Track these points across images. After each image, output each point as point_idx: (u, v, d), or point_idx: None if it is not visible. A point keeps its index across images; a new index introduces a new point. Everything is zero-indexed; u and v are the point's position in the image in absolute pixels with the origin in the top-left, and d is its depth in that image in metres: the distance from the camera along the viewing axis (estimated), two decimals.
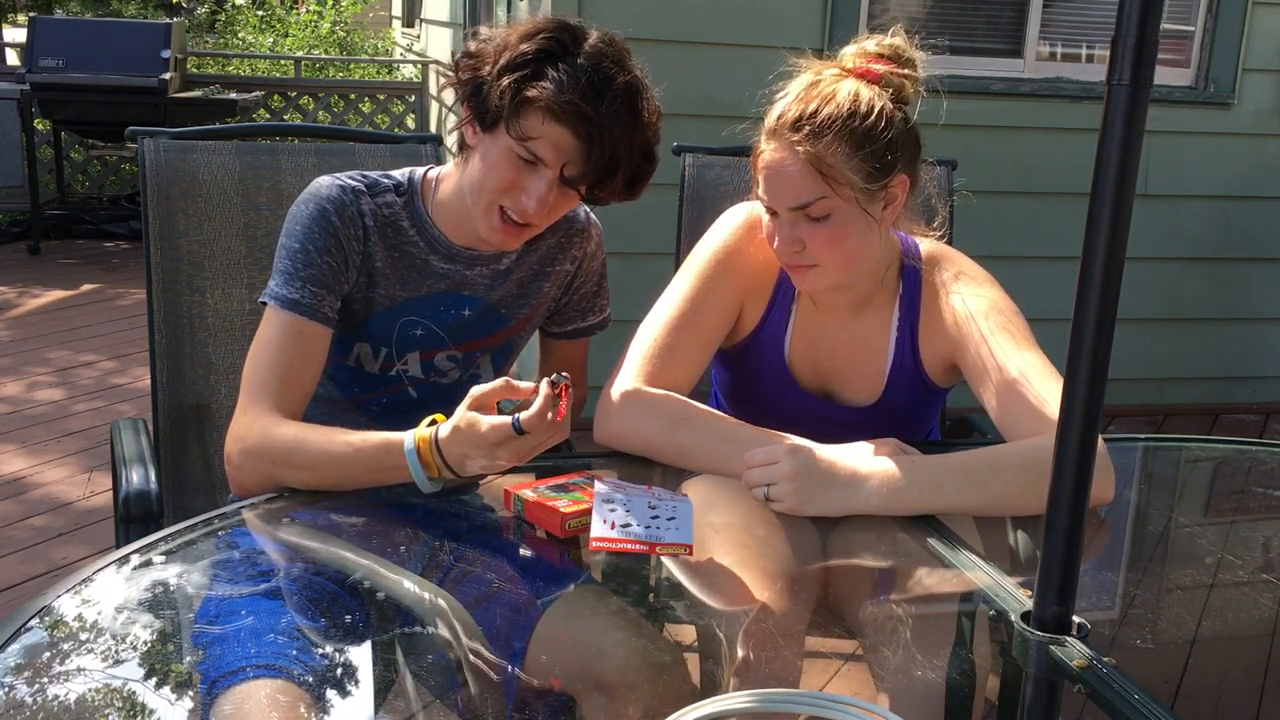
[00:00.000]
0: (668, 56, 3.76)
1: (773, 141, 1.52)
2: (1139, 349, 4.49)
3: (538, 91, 1.41)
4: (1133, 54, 0.97)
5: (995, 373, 1.55)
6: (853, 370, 1.70)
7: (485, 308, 1.67)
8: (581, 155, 1.45)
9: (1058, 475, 1.06)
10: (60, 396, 4.36)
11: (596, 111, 1.42)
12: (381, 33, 11.64)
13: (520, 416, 1.31)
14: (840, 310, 1.69)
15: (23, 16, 13.94)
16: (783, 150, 1.50)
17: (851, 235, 1.53)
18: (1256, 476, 1.88)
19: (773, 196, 1.53)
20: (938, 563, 1.36)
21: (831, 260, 1.54)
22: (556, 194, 1.49)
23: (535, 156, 1.45)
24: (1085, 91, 4.25)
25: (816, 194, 1.49)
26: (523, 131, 1.44)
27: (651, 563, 1.34)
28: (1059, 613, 1.10)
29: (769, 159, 1.52)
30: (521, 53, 1.44)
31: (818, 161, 1.47)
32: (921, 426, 1.81)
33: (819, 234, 1.52)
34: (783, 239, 1.54)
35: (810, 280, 1.59)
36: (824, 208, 1.50)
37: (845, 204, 1.51)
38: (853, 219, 1.52)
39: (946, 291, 1.65)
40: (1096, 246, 1.01)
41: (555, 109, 1.41)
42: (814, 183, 1.49)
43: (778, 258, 1.59)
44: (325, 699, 1.08)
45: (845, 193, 1.50)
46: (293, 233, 1.54)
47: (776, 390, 1.72)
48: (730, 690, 1.10)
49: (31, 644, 1.07)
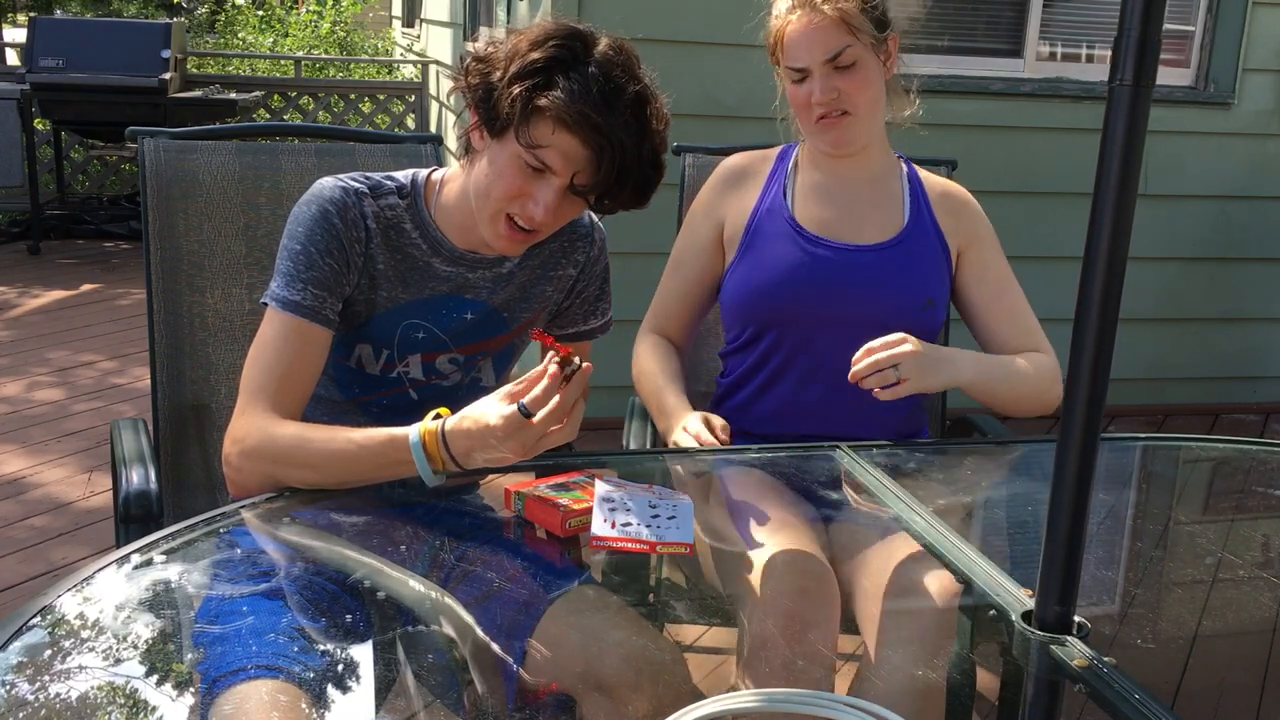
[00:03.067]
0: (668, 56, 3.74)
1: (798, 11, 1.78)
2: (1139, 349, 4.49)
3: (548, 100, 1.41)
4: (1135, 54, 0.97)
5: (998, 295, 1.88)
6: (870, 218, 1.88)
7: (487, 311, 1.67)
8: (591, 165, 1.44)
9: (1059, 475, 1.06)
10: (60, 396, 4.36)
11: (607, 122, 1.41)
12: (381, 33, 11.64)
13: (525, 401, 1.30)
14: (853, 179, 1.90)
15: (23, 16, 13.94)
16: (811, 13, 1.77)
17: (873, 80, 1.80)
18: (1256, 476, 1.88)
19: (808, 54, 1.77)
20: (938, 563, 1.36)
21: (862, 104, 1.80)
22: (564, 202, 1.48)
23: (544, 165, 1.45)
24: (1085, 91, 4.25)
25: (845, 43, 1.77)
26: (532, 140, 1.43)
27: (651, 562, 1.34)
28: (1060, 612, 1.10)
29: (798, 24, 1.78)
30: (532, 60, 1.43)
31: (843, 14, 1.76)
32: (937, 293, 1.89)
33: (850, 80, 1.78)
34: (822, 89, 1.78)
35: (844, 129, 1.81)
36: (852, 55, 1.77)
37: (865, 51, 1.78)
38: (872, 66, 1.80)
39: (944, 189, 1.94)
40: (1099, 247, 1.01)
41: (566, 118, 1.41)
42: (843, 33, 1.77)
43: (810, 118, 1.81)
44: (325, 698, 1.08)
45: (865, 39, 1.78)
46: (295, 234, 1.54)
47: (787, 248, 1.86)
48: (730, 690, 1.10)
49: (33, 643, 1.07)
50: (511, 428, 1.30)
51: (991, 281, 1.88)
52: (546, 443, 1.34)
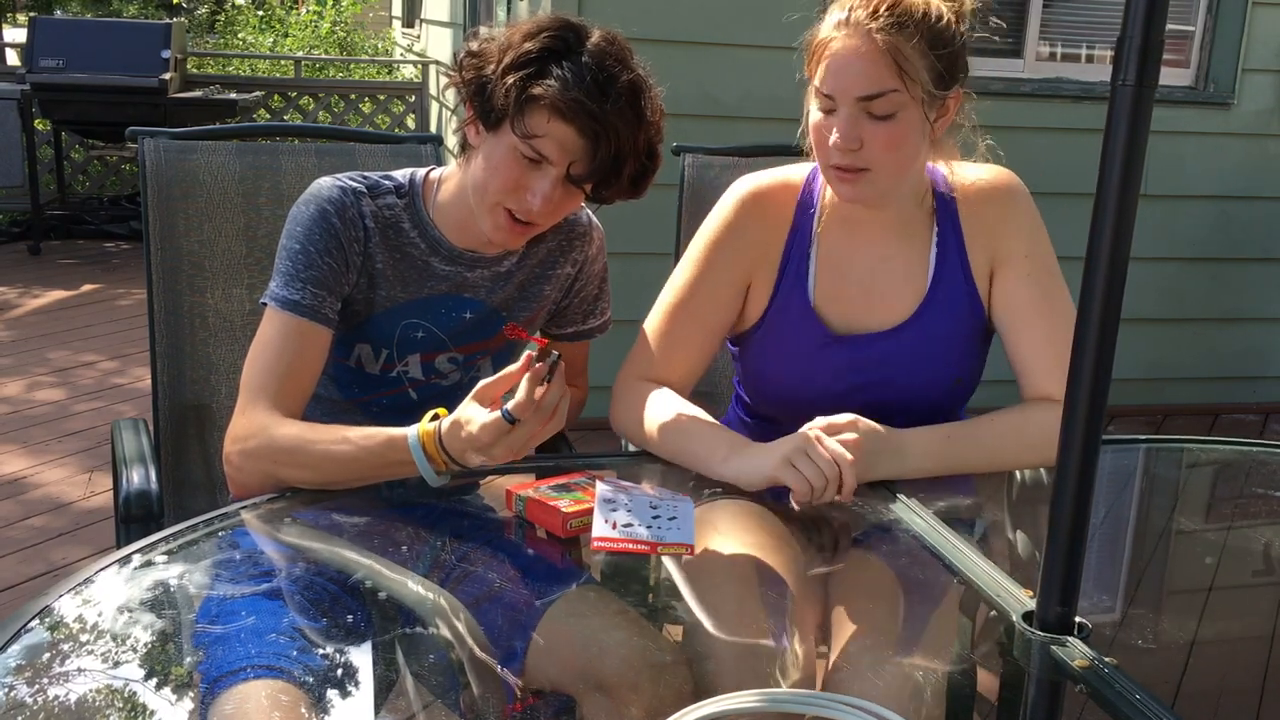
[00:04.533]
0: (668, 56, 3.75)
1: (845, 30, 1.47)
2: (1139, 349, 4.49)
3: (542, 89, 1.41)
4: (1138, 54, 0.97)
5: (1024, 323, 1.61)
6: (889, 294, 1.65)
7: (487, 310, 1.67)
8: (587, 153, 1.45)
9: (1060, 476, 1.06)
10: (60, 396, 4.36)
11: (601, 109, 1.42)
12: (381, 33, 11.64)
13: (508, 406, 1.30)
14: (876, 235, 1.65)
15: (23, 16, 13.94)
16: (858, 38, 1.45)
17: (910, 140, 1.50)
18: (1257, 478, 1.88)
19: (841, 86, 1.47)
20: (938, 563, 1.36)
21: (886, 164, 1.50)
22: (561, 192, 1.49)
23: (540, 155, 1.45)
24: (1085, 91, 4.25)
25: (889, 86, 1.45)
26: (528, 130, 1.44)
27: (651, 563, 1.34)
28: (1061, 613, 1.10)
29: (840, 47, 1.47)
30: (525, 51, 1.44)
31: (896, 52, 1.44)
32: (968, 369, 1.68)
33: (880, 133, 1.48)
34: (843, 134, 1.47)
35: (858, 187, 1.53)
36: (892, 103, 1.46)
37: (912, 104, 1.47)
38: (914, 123, 1.49)
39: (981, 200, 1.65)
40: (1101, 247, 1.01)
41: (560, 107, 1.41)
42: (889, 74, 1.45)
43: (826, 159, 1.53)
44: (326, 699, 1.08)
45: (915, 91, 1.46)
46: (293, 234, 1.54)
47: (806, 344, 1.65)
48: (731, 690, 1.10)
49: (32, 644, 1.07)
50: (496, 434, 1.30)
51: (1017, 307, 1.61)
52: (535, 440, 1.34)
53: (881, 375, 1.63)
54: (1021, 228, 1.63)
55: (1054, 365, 1.56)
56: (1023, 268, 1.61)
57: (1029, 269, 1.61)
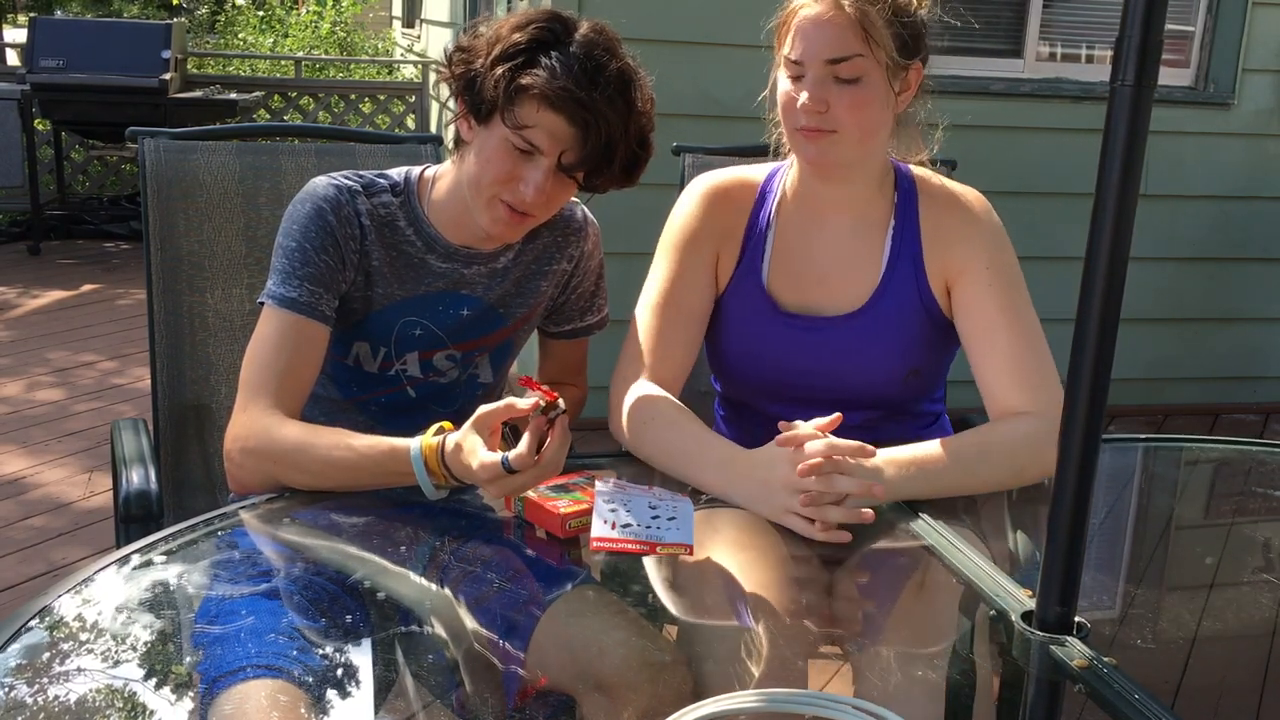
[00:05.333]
0: (668, 56, 3.75)
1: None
2: (1139, 349, 4.49)
3: (531, 79, 1.43)
4: (1137, 55, 0.97)
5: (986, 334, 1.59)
6: (843, 280, 1.68)
7: (484, 307, 1.67)
8: (578, 142, 1.46)
9: (1060, 475, 1.06)
10: (60, 396, 4.36)
11: (591, 97, 1.43)
12: (381, 33, 11.64)
13: (510, 456, 1.30)
14: (832, 220, 1.68)
15: (23, 16, 13.94)
16: (827, 5, 1.54)
17: (874, 105, 1.56)
18: (1257, 477, 1.88)
19: (810, 49, 1.54)
20: (938, 563, 1.36)
21: (851, 127, 1.55)
22: (554, 182, 1.49)
23: (531, 145, 1.46)
24: (1085, 92, 4.25)
25: (855, 50, 1.53)
26: (518, 120, 1.45)
27: (651, 563, 1.34)
28: (1061, 613, 1.10)
29: (811, 13, 1.55)
30: (514, 43, 1.45)
31: (863, 18, 1.52)
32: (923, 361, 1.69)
33: (845, 96, 1.54)
34: (811, 95, 1.54)
35: (823, 148, 1.58)
36: (857, 67, 1.53)
37: (876, 69, 1.54)
38: (878, 89, 1.55)
39: (945, 206, 1.67)
40: (1100, 248, 1.01)
41: (550, 96, 1.43)
42: (855, 38, 1.53)
43: (794, 123, 1.58)
44: (325, 699, 1.08)
45: (880, 56, 1.53)
46: (289, 232, 1.54)
47: (756, 321, 1.69)
48: (731, 690, 1.10)
49: (32, 644, 1.07)
50: (493, 476, 1.31)
51: (978, 318, 1.60)
52: (530, 486, 1.36)
53: (833, 361, 1.65)
54: (983, 240, 1.64)
55: (1018, 381, 1.56)
56: (983, 278, 1.61)
57: (989, 279, 1.61)
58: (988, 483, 1.52)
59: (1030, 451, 1.49)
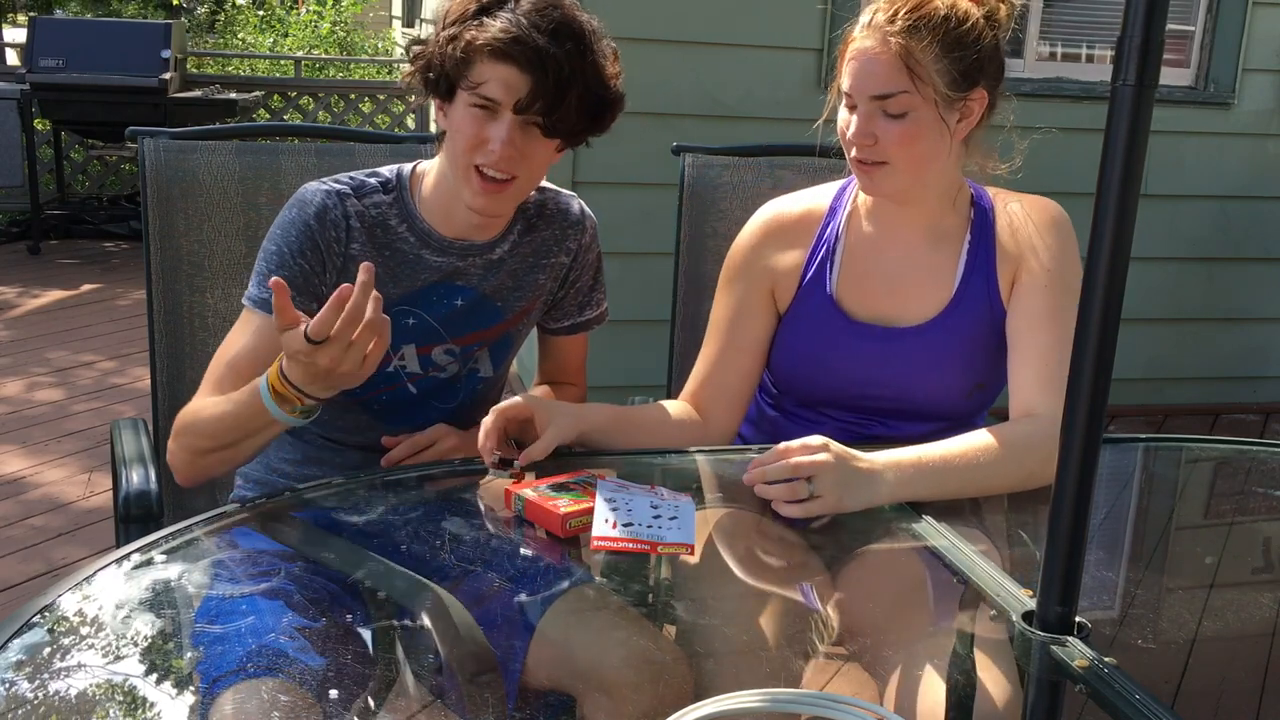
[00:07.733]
0: (668, 56, 3.76)
1: (866, 31, 1.56)
2: (1139, 349, 4.49)
3: (475, 33, 1.47)
4: (1138, 54, 0.97)
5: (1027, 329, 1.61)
6: (914, 292, 1.69)
7: (478, 298, 1.67)
8: (531, 86, 1.48)
9: (1061, 475, 1.06)
10: (60, 396, 4.36)
11: (534, 39, 1.46)
12: (381, 33, 11.63)
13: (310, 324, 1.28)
14: (904, 234, 1.69)
15: (23, 16, 13.94)
16: (875, 40, 1.54)
17: (924, 137, 1.56)
18: (1257, 477, 1.88)
19: (856, 85, 1.56)
20: (938, 562, 1.36)
21: (900, 159, 1.57)
22: (521, 136, 1.51)
23: (489, 100, 1.49)
24: (1086, 91, 4.25)
25: (899, 87, 1.53)
26: (472, 80, 1.49)
27: (651, 563, 1.34)
28: (1061, 613, 1.10)
29: (859, 48, 1.56)
30: (463, 10, 1.50)
31: (907, 55, 1.52)
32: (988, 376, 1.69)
33: (893, 130, 1.55)
34: (857, 129, 1.56)
35: (877, 180, 1.60)
36: (903, 104, 1.54)
37: (924, 104, 1.54)
38: (928, 122, 1.56)
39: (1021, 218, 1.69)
40: (1100, 247, 1.01)
41: (498, 46, 1.46)
42: (899, 76, 1.53)
43: (849, 153, 1.61)
44: (325, 699, 1.08)
45: (926, 92, 1.54)
46: (272, 236, 1.59)
47: (823, 331, 1.69)
48: (731, 690, 1.10)
49: (33, 642, 1.07)
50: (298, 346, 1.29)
51: (1026, 315, 1.62)
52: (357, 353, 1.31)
53: (900, 372, 1.65)
54: (1052, 245, 1.65)
55: (1042, 381, 1.56)
56: (1041, 279, 1.63)
57: (1047, 281, 1.62)
58: (997, 485, 1.51)
59: (1042, 455, 1.44)
